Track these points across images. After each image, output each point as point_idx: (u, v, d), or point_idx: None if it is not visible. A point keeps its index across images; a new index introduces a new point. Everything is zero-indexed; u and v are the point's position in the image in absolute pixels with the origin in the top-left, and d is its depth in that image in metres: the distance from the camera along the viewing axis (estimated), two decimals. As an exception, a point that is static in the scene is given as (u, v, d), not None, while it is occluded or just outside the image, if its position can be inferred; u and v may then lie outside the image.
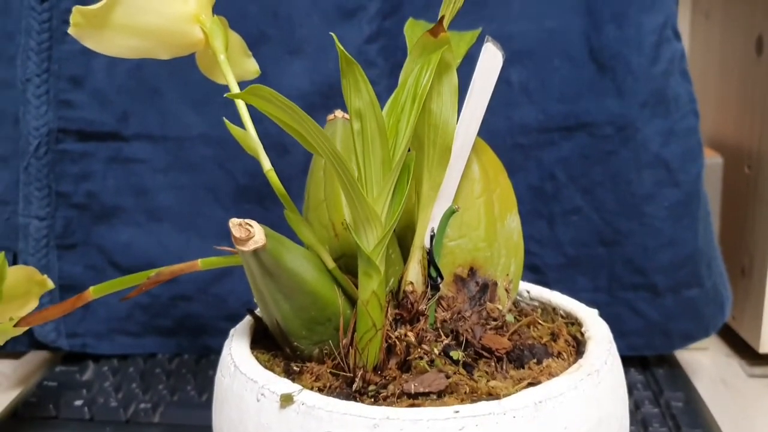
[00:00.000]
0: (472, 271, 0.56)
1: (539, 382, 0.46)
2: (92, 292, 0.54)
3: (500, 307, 0.55)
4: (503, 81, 0.84)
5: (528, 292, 0.59)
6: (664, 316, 0.84)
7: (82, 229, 0.82)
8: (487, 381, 0.47)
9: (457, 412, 0.42)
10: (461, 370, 0.47)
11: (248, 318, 0.55)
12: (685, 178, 0.78)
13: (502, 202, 0.58)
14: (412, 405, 0.44)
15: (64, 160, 0.81)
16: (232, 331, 0.53)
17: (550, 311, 0.57)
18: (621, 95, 0.76)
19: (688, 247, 0.79)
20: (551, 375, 0.48)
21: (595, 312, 0.56)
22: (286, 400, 0.44)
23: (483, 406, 0.43)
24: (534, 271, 0.86)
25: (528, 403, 0.43)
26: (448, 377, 0.46)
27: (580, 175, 0.80)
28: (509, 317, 0.55)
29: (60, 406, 0.75)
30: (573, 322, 0.55)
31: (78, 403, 0.76)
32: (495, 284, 0.56)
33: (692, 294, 0.82)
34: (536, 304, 0.59)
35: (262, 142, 0.90)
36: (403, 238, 0.56)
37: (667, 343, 0.86)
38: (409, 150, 0.49)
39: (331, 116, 0.57)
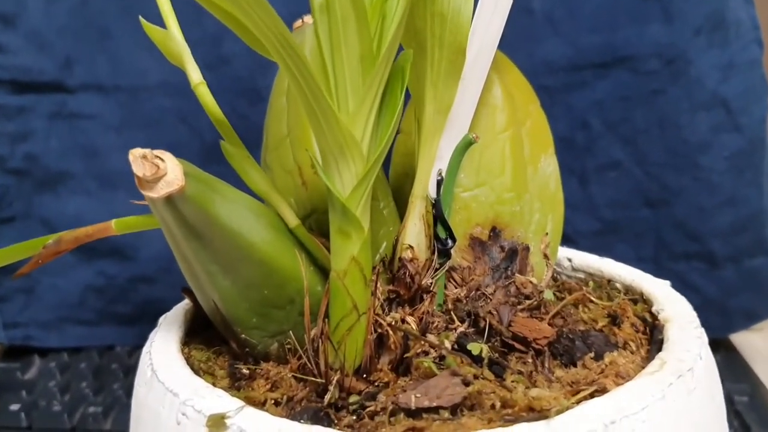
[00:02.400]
0: (494, 232, 0.38)
1: (605, 389, 0.29)
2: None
3: (534, 280, 0.38)
4: (523, 10, 0.67)
5: (569, 260, 0.42)
6: (722, 291, 0.68)
7: (22, 199, 0.67)
8: (527, 388, 0.30)
9: None
10: (486, 371, 0.30)
11: (185, 301, 0.38)
12: (748, 121, 0.64)
13: (534, 139, 0.40)
14: (412, 429, 0.27)
15: (-4, 117, 0.63)
16: (161, 319, 0.37)
17: (603, 285, 0.40)
18: (669, 20, 0.62)
19: (751, 206, 0.66)
20: (620, 377, 0.31)
21: (666, 284, 0.39)
22: (216, 424, 0.27)
23: (524, 430, 0.26)
24: (563, 240, 0.68)
25: (594, 425, 0.26)
26: (466, 383, 0.29)
27: (619, 121, 0.66)
28: (548, 294, 0.38)
29: (-8, 412, 0.57)
30: (637, 298, 0.38)
31: (14, 407, 0.62)
32: (526, 249, 0.39)
33: (756, 264, 0.67)
34: (581, 276, 0.42)
35: (231, 87, 0.73)
36: (399, 190, 0.39)
37: (725, 323, 0.69)
38: (402, 48, 0.32)
39: (298, 23, 0.40)
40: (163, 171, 0.29)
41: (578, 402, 0.29)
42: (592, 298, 0.38)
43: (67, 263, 0.69)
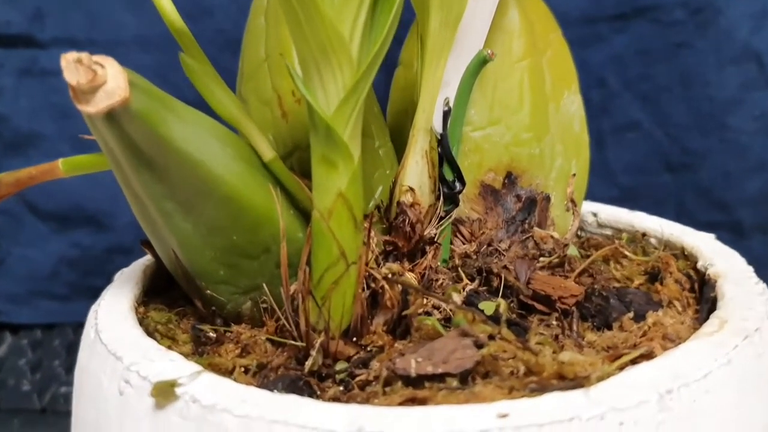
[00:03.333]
0: (510, 179, 0.33)
1: (652, 354, 0.23)
2: None
3: (556, 234, 0.32)
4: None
5: (595, 215, 0.36)
6: (750, 262, 0.61)
7: None
8: (554, 352, 0.23)
9: (504, 416, 0.19)
10: (505, 330, 0.23)
11: (147, 257, 0.32)
12: None
13: (557, 72, 0.34)
14: (412, 400, 0.21)
15: (-40, 73, 0.57)
16: (116, 275, 0.31)
17: (638, 239, 0.33)
18: (695, -36, 0.54)
19: None
20: (668, 339, 0.24)
21: (711, 237, 0.32)
22: (163, 393, 0.21)
23: (556, 402, 0.20)
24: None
25: (646, 394, 0.20)
26: (479, 345, 0.23)
27: (639, 78, 0.59)
28: (572, 250, 0.32)
29: (-43, 392, 0.52)
30: (677, 254, 0.32)
31: None
32: (546, 199, 0.33)
33: None
34: (608, 232, 0.35)
35: (214, 40, 0.67)
36: (398, 130, 0.33)
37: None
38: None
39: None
40: (101, 79, 0.23)
41: (620, 368, 0.22)
42: (626, 253, 0.31)
43: (40, 233, 0.64)
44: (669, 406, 0.20)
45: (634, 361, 0.23)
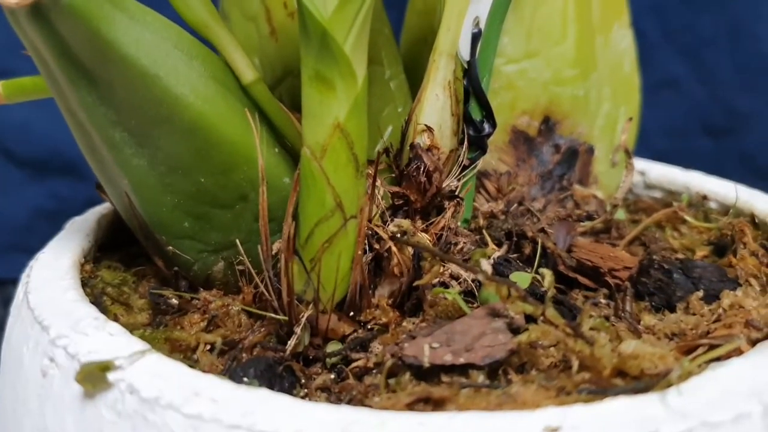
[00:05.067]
0: (547, 125, 0.27)
1: (739, 349, 0.17)
2: None
3: (600, 194, 0.26)
4: None
5: (642, 174, 0.30)
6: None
7: None
8: (611, 341, 0.18)
9: (554, 431, 0.13)
10: (550, 310, 0.18)
11: (105, 205, 0.26)
12: None
13: (606, 1, 0.28)
14: (425, 400, 0.16)
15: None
16: (67, 224, 0.25)
17: (697, 202, 0.27)
18: None
19: None
20: (753, 327, 0.19)
21: (788, 202, 0.26)
22: (93, 378, 0.16)
23: (625, 409, 0.14)
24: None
25: (745, 403, 0.14)
26: (514, 329, 0.17)
27: (681, 28, 0.54)
28: (620, 213, 0.26)
29: None
30: (747, 220, 0.26)
31: None
32: (590, 151, 0.27)
33: None
34: (657, 195, 0.30)
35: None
36: (414, 60, 0.27)
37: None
38: None
39: None
40: (20, -44, 0.17)
41: (701, 365, 0.17)
42: (687, 218, 0.26)
43: (13, 181, 0.58)
44: (778, 420, 0.15)
45: (715, 356, 0.18)
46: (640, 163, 0.32)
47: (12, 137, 0.58)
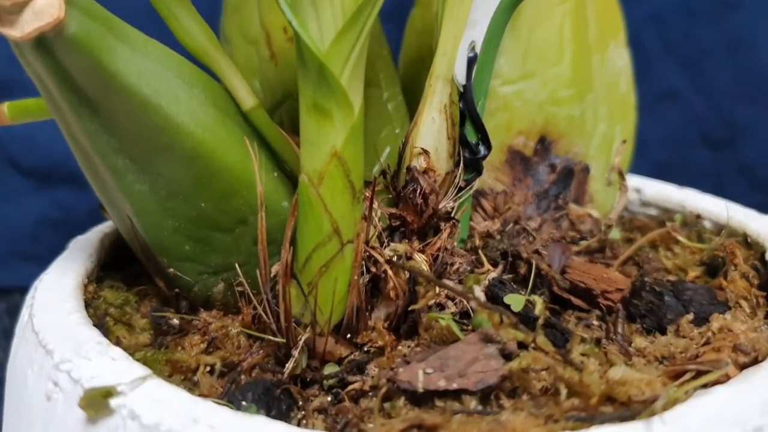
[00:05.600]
0: (543, 144, 0.27)
1: (726, 375, 0.18)
2: None
3: (595, 213, 0.27)
4: None
5: (638, 191, 0.31)
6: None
7: None
8: (600, 365, 0.18)
9: None
10: (541, 337, 0.18)
11: (108, 224, 0.27)
12: None
13: (603, 20, 0.29)
14: (418, 428, 0.16)
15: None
16: (70, 243, 0.26)
17: (691, 222, 0.28)
18: None
19: None
20: (741, 351, 0.19)
21: (777, 218, 0.27)
22: (95, 404, 0.16)
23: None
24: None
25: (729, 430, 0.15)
26: (507, 355, 0.18)
27: (680, 40, 0.54)
28: (615, 233, 0.26)
29: None
30: (739, 240, 0.26)
31: None
32: (585, 170, 0.28)
33: None
34: (653, 212, 0.30)
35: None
36: (412, 81, 0.27)
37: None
38: None
39: None
40: (27, -8, 0.17)
41: (687, 392, 0.17)
42: (680, 238, 0.26)
43: (18, 190, 0.59)
44: (759, 449, 0.15)
45: (705, 383, 0.18)
46: (636, 181, 0.32)
47: (17, 147, 0.59)
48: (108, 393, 0.17)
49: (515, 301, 0.22)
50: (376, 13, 0.19)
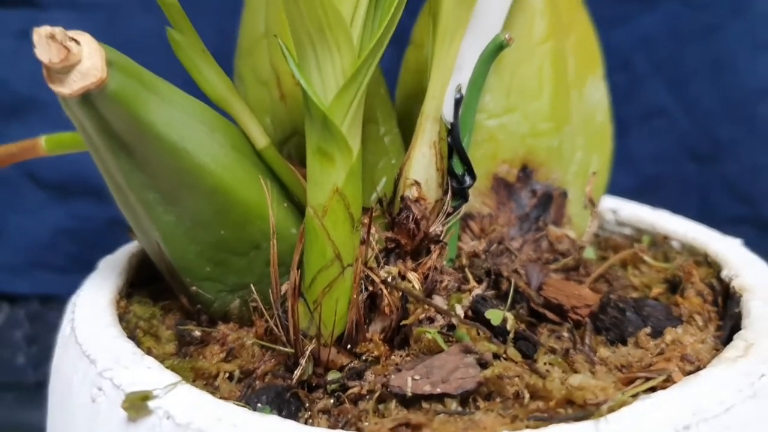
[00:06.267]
0: (525, 172, 0.30)
1: (670, 379, 0.21)
2: None
3: (572, 234, 0.30)
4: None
5: (614, 212, 0.34)
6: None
7: None
8: (564, 373, 0.22)
9: None
10: (511, 349, 0.21)
11: (134, 243, 0.30)
12: None
13: (581, 56, 0.32)
14: (406, 425, 0.19)
15: (-43, 34, 0.55)
16: (100, 263, 0.29)
17: (659, 243, 0.31)
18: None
19: None
20: (687, 361, 0.23)
21: (737, 242, 0.30)
22: (136, 406, 0.19)
23: (563, 436, 0.18)
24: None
25: (662, 430, 0.18)
26: (483, 364, 0.21)
27: (668, 61, 0.57)
28: (589, 252, 0.30)
29: (-49, 363, 0.51)
30: (700, 260, 0.29)
31: None
32: (563, 195, 0.31)
33: None
34: (627, 232, 0.33)
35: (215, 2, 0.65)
36: (406, 115, 0.31)
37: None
38: None
39: None
40: (76, 57, 0.21)
41: (635, 396, 0.20)
42: (646, 258, 0.29)
43: (38, 202, 0.62)
44: (688, 443, 0.19)
45: (653, 387, 0.21)
46: (612, 202, 0.35)
47: (36, 161, 0.62)
48: (146, 397, 0.20)
49: (494, 315, 0.25)
50: (372, 72, 0.22)
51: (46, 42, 0.21)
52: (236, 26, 0.58)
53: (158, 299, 0.28)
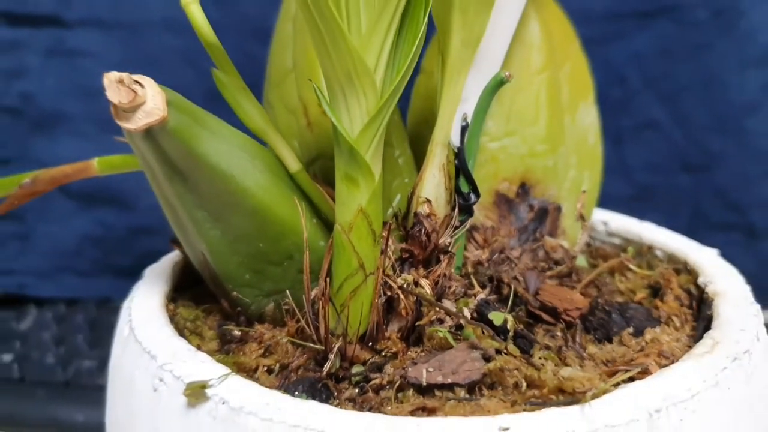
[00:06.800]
0: (523, 189, 0.34)
1: (647, 371, 0.25)
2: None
3: (566, 244, 0.34)
4: (560, -50, 0.61)
5: (605, 224, 0.38)
6: (760, 265, 0.63)
7: (16, 141, 0.64)
8: (556, 366, 0.26)
9: (505, 430, 0.21)
10: (511, 346, 0.26)
11: (175, 253, 0.34)
12: None
13: (574, 84, 0.36)
14: (422, 409, 0.24)
15: (-11, 52, 0.59)
16: (146, 271, 0.33)
17: (644, 252, 0.35)
18: (720, -35, 0.56)
19: None
20: (663, 356, 0.27)
21: (714, 252, 0.34)
22: (196, 393, 0.24)
23: (554, 416, 0.22)
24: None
25: (637, 412, 0.22)
26: (487, 358, 0.25)
27: (660, 76, 0.61)
28: (581, 260, 0.34)
29: (-17, 362, 0.55)
30: (680, 268, 0.33)
31: (7, 358, 0.60)
32: (558, 209, 0.35)
33: None
34: (617, 242, 0.37)
35: (241, 27, 0.68)
36: (418, 137, 0.35)
37: (761, 299, 0.63)
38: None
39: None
40: (141, 98, 0.25)
41: (616, 385, 0.25)
42: (631, 266, 0.33)
43: (64, 210, 0.66)
44: (657, 425, 0.23)
45: (632, 378, 0.25)
46: (603, 215, 0.39)
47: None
48: (203, 385, 0.24)
49: (496, 317, 0.29)
50: (392, 109, 0.26)
51: (116, 86, 0.25)
52: (258, 49, 0.62)
53: (200, 303, 0.32)
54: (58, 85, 0.64)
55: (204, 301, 0.32)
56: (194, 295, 0.33)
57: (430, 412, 0.24)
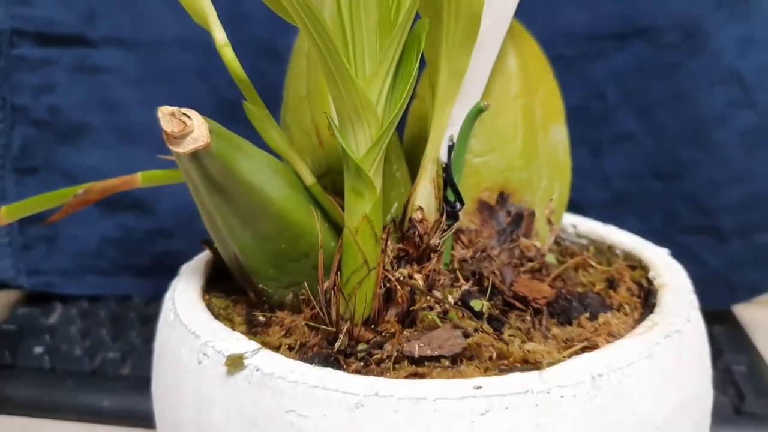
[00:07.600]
0: (502, 197, 0.41)
1: (596, 346, 0.32)
2: (5, 213, 0.40)
3: (538, 244, 0.41)
4: (543, -24, 0.68)
5: (574, 227, 0.44)
6: (728, 265, 0.69)
7: (44, 150, 0.69)
8: (522, 342, 0.32)
9: (478, 388, 0.28)
10: (486, 326, 0.32)
11: (206, 252, 0.41)
12: (763, 98, 0.65)
13: (546, 108, 0.42)
14: (414, 374, 0.30)
15: (21, 69, 0.66)
16: (182, 268, 0.40)
17: (604, 251, 0.42)
18: (690, -8, 0.60)
19: (762, 182, 0.67)
20: (611, 336, 0.33)
21: (665, 252, 0.41)
22: (234, 363, 0.30)
23: (517, 379, 0.29)
24: (572, 209, 0.70)
25: (583, 376, 0.29)
26: (466, 336, 0.32)
27: (636, 92, 0.67)
28: (550, 257, 0.40)
29: (17, 353, 0.64)
30: (636, 265, 0.40)
31: (38, 350, 0.65)
32: (532, 214, 0.41)
33: (764, 239, 0.69)
34: (584, 242, 0.44)
35: (249, 45, 0.75)
36: (412, 152, 0.41)
37: (728, 296, 0.71)
38: (419, 17, 0.34)
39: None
40: (190, 128, 0.31)
41: (570, 356, 0.31)
42: (592, 263, 0.40)
43: (89, 215, 0.72)
44: (599, 385, 0.29)
45: (583, 350, 0.32)
46: (573, 218, 0.46)
47: (87, 179, 0.73)
48: (241, 357, 0.31)
49: (476, 303, 0.35)
50: (391, 134, 0.33)
51: (168, 118, 0.31)
52: (266, 66, 0.68)
53: (228, 294, 0.39)
54: (83, 98, 0.71)
55: (232, 293, 0.39)
56: (223, 288, 0.39)
57: (420, 376, 0.30)
